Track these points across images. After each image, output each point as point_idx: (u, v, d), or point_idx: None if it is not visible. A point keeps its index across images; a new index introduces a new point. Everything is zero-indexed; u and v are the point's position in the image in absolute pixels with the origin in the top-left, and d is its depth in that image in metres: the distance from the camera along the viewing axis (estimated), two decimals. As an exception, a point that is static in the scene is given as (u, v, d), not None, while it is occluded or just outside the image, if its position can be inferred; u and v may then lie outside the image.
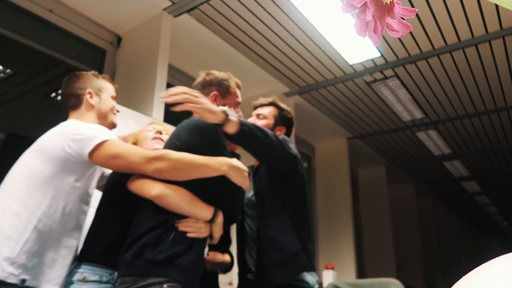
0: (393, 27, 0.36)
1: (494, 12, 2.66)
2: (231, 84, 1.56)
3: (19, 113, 2.52)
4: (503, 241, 17.94)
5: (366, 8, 0.36)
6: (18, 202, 1.19)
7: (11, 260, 1.11)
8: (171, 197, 1.19)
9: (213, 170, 1.21)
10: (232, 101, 1.55)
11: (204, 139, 1.30)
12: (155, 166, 1.18)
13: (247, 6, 2.64)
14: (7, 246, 1.12)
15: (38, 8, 2.48)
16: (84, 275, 1.23)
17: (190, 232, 1.21)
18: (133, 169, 1.22)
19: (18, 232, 1.15)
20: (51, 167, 1.26)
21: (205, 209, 1.23)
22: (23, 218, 1.17)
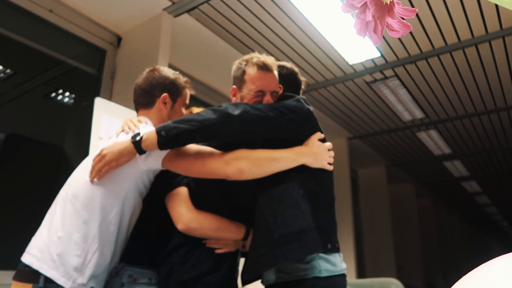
0: (393, 27, 0.36)
1: (494, 12, 2.66)
2: (247, 69, 1.35)
3: (19, 113, 2.52)
4: (503, 241, 17.94)
5: (366, 8, 0.36)
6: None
7: (80, 270, 1.12)
8: (195, 231, 1.19)
9: (293, 161, 1.16)
10: (247, 90, 1.32)
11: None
12: (236, 167, 1.13)
13: (247, 6, 2.64)
14: (78, 256, 1.13)
15: (38, 8, 2.48)
16: (135, 277, 1.23)
17: (218, 248, 1.20)
18: (210, 173, 1.16)
19: (87, 242, 1.15)
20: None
21: (235, 231, 1.22)
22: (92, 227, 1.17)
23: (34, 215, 2.32)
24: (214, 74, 3.46)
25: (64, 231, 1.14)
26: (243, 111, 1.13)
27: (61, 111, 2.81)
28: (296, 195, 1.13)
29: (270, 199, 1.15)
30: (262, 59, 1.31)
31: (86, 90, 2.81)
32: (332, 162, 1.21)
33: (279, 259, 1.07)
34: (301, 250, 1.07)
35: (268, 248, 1.08)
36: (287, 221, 1.09)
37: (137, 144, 1.13)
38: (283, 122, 1.17)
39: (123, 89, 2.77)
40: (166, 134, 1.10)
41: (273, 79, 1.31)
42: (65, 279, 1.09)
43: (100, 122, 2.05)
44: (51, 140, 2.61)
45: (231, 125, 1.13)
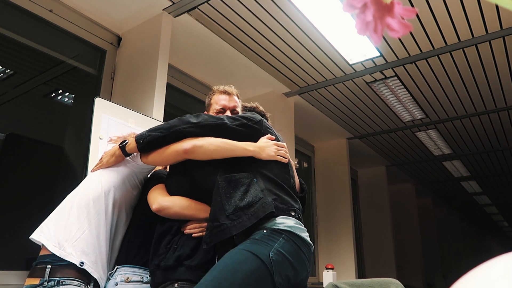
0: (393, 27, 0.37)
1: (494, 12, 2.66)
2: (212, 96, 1.71)
3: (19, 113, 2.52)
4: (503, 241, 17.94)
5: (366, 8, 0.36)
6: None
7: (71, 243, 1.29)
8: (168, 209, 1.35)
9: (241, 150, 1.38)
10: (212, 111, 1.67)
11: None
12: (191, 142, 1.37)
13: (247, 6, 2.64)
14: (69, 230, 1.32)
15: (38, 8, 2.48)
16: (127, 276, 1.35)
17: (195, 233, 1.34)
18: (171, 153, 1.40)
19: (80, 221, 1.35)
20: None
21: (204, 210, 1.37)
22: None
23: (34, 215, 2.31)
24: (214, 74, 3.46)
25: (62, 212, 1.37)
26: (202, 119, 1.41)
27: (61, 111, 2.81)
28: (249, 182, 1.33)
29: (226, 183, 1.33)
30: (223, 87, 1.69)
31: (86, 90, 2.81)
32: (284, 156, 1.43)
33: (231, 230, 1.22)
34: (249, 220, 1.22)
35: (222, 221, 1.24)
36: (237, 201, 1.27)
37: (122, 149, 1.44)
38: (235, 127, 1.42)
39: (123, 89, 2.77)
40: (142, 141, 1.39)
41: (233, 100, 1.67)
42: (56, 248, 1.28)
43: (100, 122, 2.05)
44: (51, 140, 2.61)
45: (192, 130, 1.39)
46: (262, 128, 1.48)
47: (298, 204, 1.36)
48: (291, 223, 1.26)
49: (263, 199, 1.27)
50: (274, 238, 1.19)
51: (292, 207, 1.31)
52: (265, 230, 1.22)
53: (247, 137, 1.43)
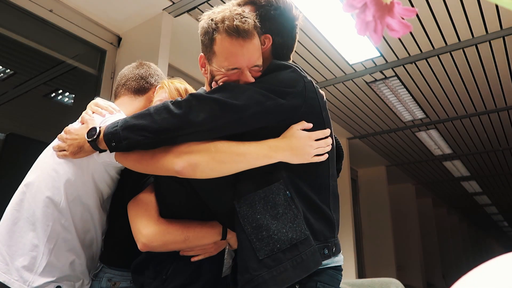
0: (393, 27, 0.36)
1: (494, 12, 2.66)
2: (217, 36, 0.97)
3: (19, 113, 2.52)
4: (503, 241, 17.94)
5: (366, 8, 0.36)
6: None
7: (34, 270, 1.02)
8: (161, 248, 0.99)
9: (265, 158, 0.92)
10: (217, 66, 0.99)
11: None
12: (187, 161, 0.91)
13: (247, 6, 2.64)
14: (29, 256, 1.03)
15: (38, 8, 2.48)
16: (114, 281, 1.12)
17: (195, 256, 1.02)
18: (158, 168, 0.96)
19: (39, 238, 1.06)
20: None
21: (209, 236, 1.01)
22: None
23: (34, 215, 2.32)
24: (214, 74, 3.46)
25: (18, 232, 1.04)
26: (210, 115, 0.90)
27: (61, 111, 2.81)
28: (281, 201, 0.90)
29: (249, 208, 0.91)
30: (236, 22, 0.94)
31: (86, 90, 2.81)
32: (322, 153, 0.97)
33: (269, 286, 0.84)
34: (295, 271, 0.85)
35: (254, 272, 0.86)
36: (274, 236, 0.87)
37: (93, 143, 1.00)
38: (263, 117, 0.93)
39: (123, 89, 2.77)
40: (116, 145, 0.94)
41: (252, 50, 0.97)
42: (19, 283, 0.99)
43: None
44: (51, 140, 2.60)
45: (194, 136, 0.92)
46: (305, 103, 0.97)
47: (333, 227, 0.97)
48: (324, 261, 0.92)
49: (310, 239, 0.88)
50: None
51: (326, 241, 0.93)
52: (297, 285, 0.88)
53: (280, 121, 0.96)
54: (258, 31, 0.99)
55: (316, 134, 0.97)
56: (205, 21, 1.00)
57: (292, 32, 1.09)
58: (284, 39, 1.07)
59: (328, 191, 1.00)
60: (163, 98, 1.21)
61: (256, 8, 1.05)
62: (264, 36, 1.04)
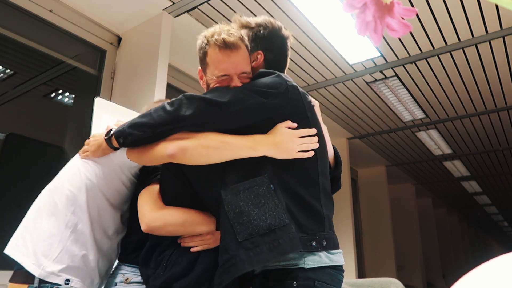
0: (393, 27, 0.36)
1: (494, 12, 2.66)
2: (208, 50, 1.12)
3: (19, 113, 2.52)
4: (503, 241, 17.95)
5: (366, 8, 0.36)
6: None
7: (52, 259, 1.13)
8: (159, 229, 1.09)
9: (249, 150, 1.01)
10: (210, 75, 1.13)
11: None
12: (178, 144, 1.03)
13: (247, 6, 2.64)
14: (48, 243, 1.14)
15: (38, 8, 2.48)
16: (127, 276, 1.22)
17: (194, 246, 1.10)
18: (155, 154, 1.09)
19: (59, 229, 1.18)
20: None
21: (205, 223, 1.10)
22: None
23: (34, 215, 2.32)
24: (214, 74, 3.46)
25: (39, 220, 1.17)
26: (197, 111, 1.02)
27: (61, 111, 2.81)
28: (264, 192, 0.97)
29: (233, 196, 0.98)
30: (223, 36, 1.09)
31: (86, 90, 2.81)
32: (307, 149, 1.04)
33: (245, 265, 0.91)
34: (271, 253, 0.91)
35: (233, 252, 0.93)
36: (253, 222, 0.94)
37: (108, 141, 1.15)
38: (246, 113, 1.03)
39: (123, 89, 2.77)
40: (123, 140, 1.10)
41: (240, 58, 1.11)
42: (34, 266, 1.10)
43: (100, 122, 2.05)
44: (51, 140, 2.61)
45: (186, 129, 1.04)
46: (287, 103, 1.06)
47: (322, 223, 1.02)
48: (317, 258, 0.97)
49: (289, 226, 0.94)
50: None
51: (313, 234, 0.98)
52: (294, 282, 0.94)
53: (264, 121, 1.05)
54: (246, 44, 1.15)
55: (301, 131, 1.05)
56: (200, 39, 1.17)
57: (282, 48, 1.26)
58: (274, 55, 1.23)
59: (318, 187, 1.06)
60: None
61: (249, 30, 1.24)
62: (256, 52, 1.21)
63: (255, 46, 1.21)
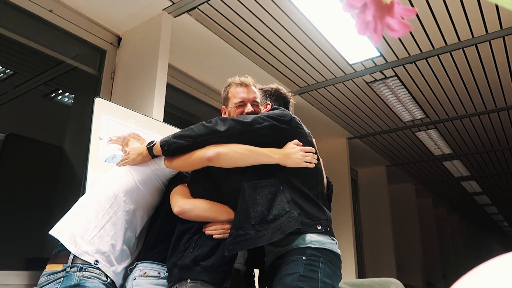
0: (393, 27, 0.37)
1: (494, 12, 2.66)
2: (229, 89, 1.61)
3: (19, 113, 2.52)
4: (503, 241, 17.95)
5: (366, 8, 0.36)
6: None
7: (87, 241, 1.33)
8: (189, 212, 1.37)
9: (266, 157, 1.35)
10: (231, 105, 1.58)
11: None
12: (215, 150, 1.34)
13: (247, 6, 2.64)
14: (86, 228, 1.34)
15: (38, 8, 2.48)
16: (145, 271, 1.40)
17: (216, 234, 1.35)
18: (194, 160, 1.38)
19: (97, 218, 1.38)
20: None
21: (226, 213, 1.38)
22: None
23: (34, 215, 2.32)
24: (214, 74, 3.46)
25: (81, 210, 1.40)
26: (229, 127, 1.36)
27: (61, 111, 2.81)
28: (275, 190, 1.30)
29: (253, 189, 1.31)
30: (240, 79, 1.60)
31: (86, 90, 2.81)
32: (310, 161, 1.38)
33: (255, 241, 1.22)
34: (274, 234, 1.21)
35: (247, 230, 1.24)
36: (264, 212, 1.25)
37: (150, 150, 1.44)
38: (264, 132, 1.37)
39: (123, 89, 2.77)
40: (167, 148, 1.38)
41: (251, 91, 1.58)
42: (71, 245, 1.30)
43: (100, 122, 2.05)
44: (51, 140, 2.61)
45: (219, 140, 1.36)
46: (292, 128, 1.43)
47: (325, 214, 1.33)
48: (322, 239, 1.26)
49: (289, 213, 1.25)
50: (315, 267, 1.21)
51: (318, 220, 1.29)
52: (304, 257, 1.22)
53: (276, 139, 1.40)
54: (255, 86, 1.64)
55: (305, 148, 1.41)
56: (222, 91, 1.65)
57: (284, 100, 1.71)
58: (279, 104, 1.68)
59: (317, 190, 1.39)
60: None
61: (263, 92, 1.71)
62: (265, 103, 1.66)
63: (265, 99, 1.68)
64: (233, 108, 1.56)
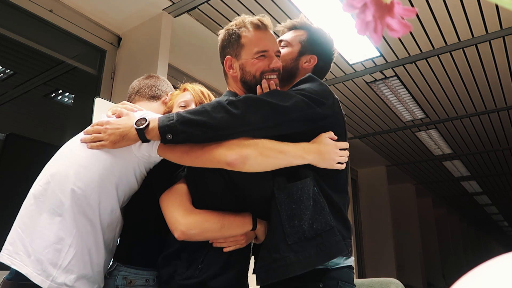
0: (393, 27, 0.36)
1: (494, 12, 2.66)
2: (243, 32, 1.16)
3: (19, 113, 2.52)
4: (503, 241, 17.95)
5: (366, 8, 0.36)
6: None
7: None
8: (196, 236, 1.04)
9: (299, 158, 1.03)
10: (247, 55, 1.15)
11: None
12: (239, 153, 0.98)
13: (247, 6, 2.64)
14: (55, 249, 0.98)
15: (38, 8, 2.48)
16: (130, 279, 1.12)
17: (227, 247, 1.08)
18: (208, 160, 1.02)
19: (66, 232, 1.03)
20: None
21: (242, 225, 1.07)
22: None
23: (34, 215, 2.32)
24: (214, 74, 3.46)
25: (40, 219, 1.00)
26: (263, 116, 1.01)
27: (61, 111, 2.81)
28: (312, 194, 1.01)
29: (287, 196, 1.01)
30: (258, 17, 1.17)
31: (86, 90, 2.81)
32: (343, 162, 1.09)
33: (295, 268, 0.94)
34: (318, 257, 0.95)
35: (284, 253, 0.96)
36: (304, 225, 0.97)
37: (141, 132, 1.02)
38: (304, 123, 1.06)
39: (123, 89, 2.77)
40: (172, 138, 0.99)
41: (273, 38, 1.19)
42: (39, 277, 0.94)
43: (100, 122, 2.05)
44: (51, 140, 2.61)
45: (249, 133, 1.01)
46: (333, 115, 1.11)
47: (349, 231, 1.09)
48: (338, 260, 1.05)
49: (334, 230, 0.98)
50: None
51: (343, 239, 1.03)
52: (320, 284, 1.00)
53: (313, 129, 1.09)
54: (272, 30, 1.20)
55: (341, 144, 1.09)
56: (224, 32, 1.22)
57: (329, 63, 1.31)
58: (324, 65, 1.28)
59: (346, 197, 1.13)
60: (187, 99, 1.35)
61: (308, 33, 1.27)
62: (310, 56, 1.25)
63: (310, 48, 1.25)
64: (251, 60, 1.14)
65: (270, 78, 1.15)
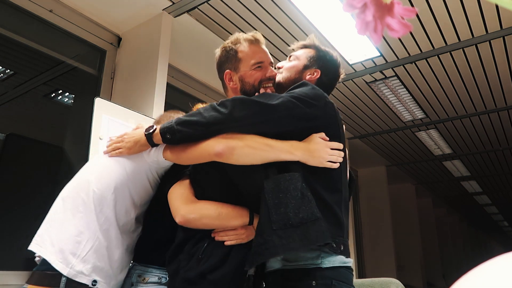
0: (393, 27, 0.36)
1: (494, 12, 2.66)
2: (239, 47, 1.30)
3: (19, 113, 2.52)
4: (503, 241, 17.95)
5: (366, 8, 0.36)
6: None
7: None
8: (195, 222, 1.12)
9: (287, 154, 1.09)
10: (245, 67, 1.28)
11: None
12: (227, 144, 1.07)
13: (247, 6, 2.64)
14: (76, 241, 1.11)
15: (38, 8, 2.48)
16: (144, 277, 1.22)
17: (228, 240, 1.13)
18: (200, 153, 1.12)
19: (88, 227, 1.16)
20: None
21: (239, 217, 1.14)
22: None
23: (34, 215, 2.32)
24: (214, 74, 3.45)
25: (65, 216, 1.15)
26: (250, 112, 1.08)
27: (61, 111, 2.81)
28: (300, 187, 1.04)
29: (275, 186, 1.06)
30: (251, 34, 1.32)
31: (86, 90, 2.81)
32: (335, 161, 1.12)
33: (278, 250, 0.99)
34: (301, 242, 0.99)
35: (267, 237, 1.01)
36: (290, 213, 1.01)
37: (149, 136, 1.17)
38: (293, 120, 1.11)
39: (123, 89, 2.77)
40: (170, 137, 1.12)
41: (267, 51, 1.33)
42: (61, 264, 1.07)
43: (100, 122, 2.05)
44: (51, 140, 2.61)
45: (238, 129, 1.10)
46: (324, 116, 1.16)
47: (342, 229, 1.10)
48: (333, 259, 1.07)
49: (320, 221, 1.01)
50: None
51: (336, 237, 1.07)
52: (313, 281, 1.03)
53: (304, 130, 1.14)
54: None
55: (332, 144, 1.13)
56: (221, 50, 1.34)
57: (333, 80, 1.38)
58: (328, 81, 1.35)
59: (340, 196, 1.15)
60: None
61: (316, 51, 1.37)
62: (314, 69, 1.33)
63: (316, 63, 1.33)
64: (249, 71, 1.28)
65: (267, 86, 1.27)
